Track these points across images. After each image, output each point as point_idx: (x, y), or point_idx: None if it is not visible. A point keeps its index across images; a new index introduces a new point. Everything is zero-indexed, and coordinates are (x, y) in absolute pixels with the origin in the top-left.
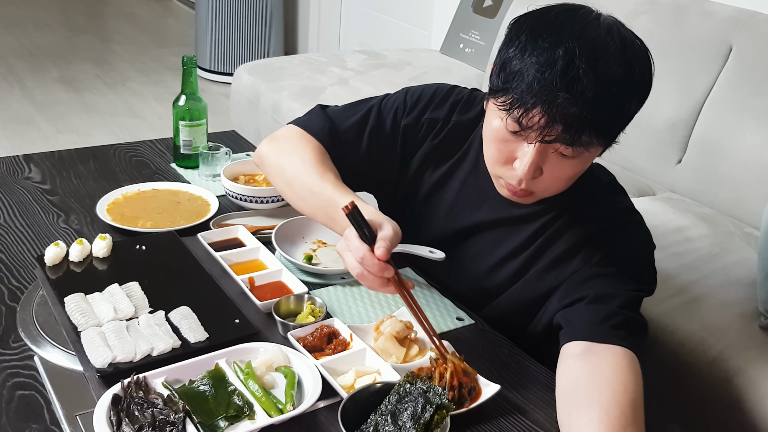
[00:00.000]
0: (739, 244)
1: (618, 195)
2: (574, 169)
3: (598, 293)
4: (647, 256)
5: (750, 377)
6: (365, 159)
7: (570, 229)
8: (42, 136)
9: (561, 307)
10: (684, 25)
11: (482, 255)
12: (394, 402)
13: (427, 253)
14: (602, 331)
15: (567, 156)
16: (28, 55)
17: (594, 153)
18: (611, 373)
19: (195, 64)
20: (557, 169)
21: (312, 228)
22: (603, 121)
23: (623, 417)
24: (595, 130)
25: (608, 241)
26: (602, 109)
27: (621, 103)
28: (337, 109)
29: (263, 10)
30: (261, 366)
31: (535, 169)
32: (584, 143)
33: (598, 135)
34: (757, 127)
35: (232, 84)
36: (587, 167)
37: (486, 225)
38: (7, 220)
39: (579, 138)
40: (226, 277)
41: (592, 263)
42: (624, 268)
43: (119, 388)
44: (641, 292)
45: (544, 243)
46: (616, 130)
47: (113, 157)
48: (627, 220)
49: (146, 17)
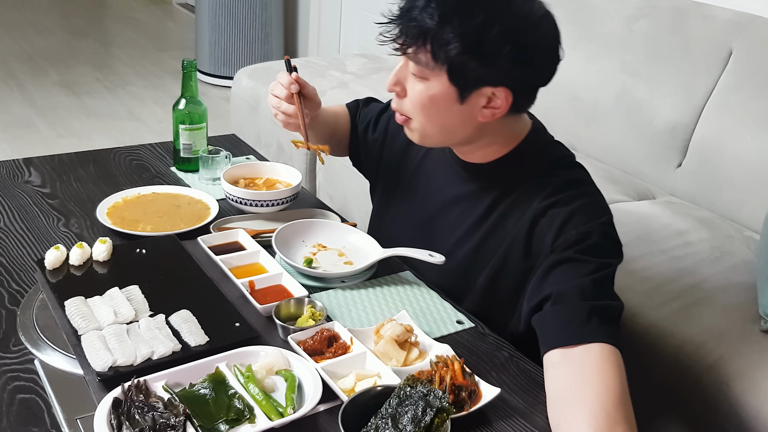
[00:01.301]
0: (740, 247)
1: (567, 168)
2: (424, 94)
3: (559, 292)
4: (600, 228)
5: (750, 381)
6: (362, 140)
7: (521, 205)
8: (42, 140)
9: (530, 308)
10: (684, 29)
11: (446, 235)
12: (394, 405)
13: (427, 256)
14: (572, 334)
15: (417, 77)
16: (28, 59)
17: (438, 80)
18: (591, 374)
19: (195, 67)
20: (413, 92)
21: (312, 231)
22: (433, 36)
23: (609, 418)
24: (425, 43)
25: (558, 218)
26: (438, 25)
27: (459, 24)
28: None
29: (263, 14)
30: (261, 369)
31: (395, 82)
32: (420, 60)
33: (427, 48)
34: (757, 131)
35: (232, 88)
36: (443, 102)
37: (449, 202)
38: (7, 224)
39: (415, 51)
40: (227, 281)
41: (546, 246)
42: (579, 247)
43: (120, 392)
44: (603, 268)
45: (498, 221)
46: (451, 51)
47: (113, 160)
48: (575, 192)
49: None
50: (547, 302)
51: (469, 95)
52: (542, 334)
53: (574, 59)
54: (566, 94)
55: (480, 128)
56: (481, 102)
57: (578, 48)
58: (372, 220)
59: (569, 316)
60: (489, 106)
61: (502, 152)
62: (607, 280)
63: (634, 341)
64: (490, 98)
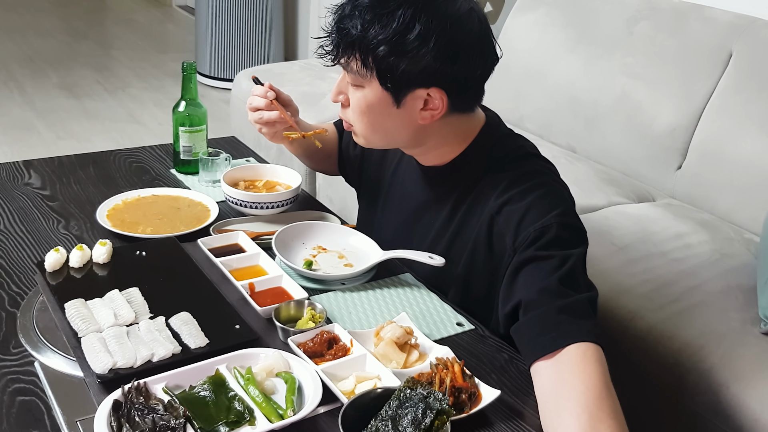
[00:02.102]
0: (740, 250)
1: (522, 159)
2: (362, 102)
3: (527, 298)
4: (557, 220)
5: (750, 383)
6: (345, 156)
7: (479, 203)
8: (42, 142)
9: (505, 315)
10: (684, 31)
11: (421, 241)
12: (394, 407)
13: (427, 258)
14: (547, 341)
15: (353, 85)
16: (28, 61)
17: (371, 87)
18: (570, 376)
19: (195, 70)
20: (353, 100)
21: (312, 234)
22: (359, 43)
23: (592, 417)
24: (354, 51)
25: (515, 216)
26: (362, 32)
27: (381, 29)
28: None
29: (263, 16)
30: (261, 372)
31: (338, 93)
32: (352, 69)
33: (357, 56)
34: (757, 133)
35: (232, 90)
36: (380, 107)
37: (419, 208)
38: (7, 226)
39: (347, 60)
40: (227, 283)
41: (507, 246)
42: (539, 243)
43: (120, 394)
44: (566, 261)
45: (462, 222)
46: (378, 56)
47: (113, 163)
48: (528, 186)
49: (146, 23)
50: (520, 309)
51: (404, 98)
52: (521, 348)
53: (574, 61)
54: (566, 96)
55: (423, 130)
56: (418, 105)
57: (578, 50)
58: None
59: (541, 325)
60: (427, 108)
61: (457, 152)
62: (573, 272)
63: (633, 343)
64: (426, 100)
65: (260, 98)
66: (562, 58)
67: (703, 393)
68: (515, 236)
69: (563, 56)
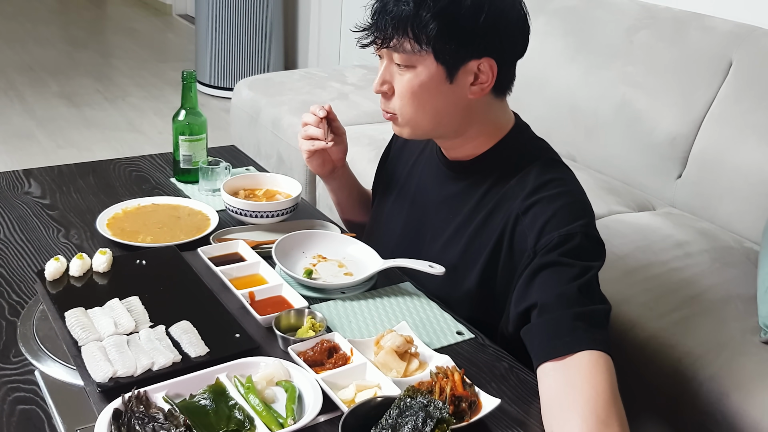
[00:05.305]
0: (740, 258)
1: (550, 165)
2: (414, 82)
3: (544, 301)
4: (582, 230)
5: (750, 392)
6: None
7: (506, 202)
8: (42, 151)
9: (518, 314)
10: (684, 40)
11: (436, 236)
12: (394, 416)
13: (427, 267)
14: (560, 345)
15: (403, 67)
16: (28, 70)
17: (424, 65)
18: (580, 380)
19: (195, 78)
20: (401, 84)
21: (312, 242)
22: (412, 21)
23: (599, 421)
24: (405, 31)
25: (540, 218)
26: (414, 10)
27: (433, 4)
28: None
29: (263, 25)
30: (261, 380)
31: (382, 82)
32: (405, 49)
33: (409, 35)
34: (757, 142)
35: (232, 99)
36: (433, 85)
37: (437, 203)
38: (7, 235)
39: (397, 41)
40: (227, 292)
41: (527, 245)
42: (562, 249)
43: (120, 403)
44: (587, 272)
45: (485, 219)
46: (432, 31)
47: (113, 171)
48: (557, 191)
49: (146, 32)
50: (534, 310)
51: (456, 72)
52: (531, 347)
53: (574, 70)
54: (566, 105)
55: (470, 113)
56: (468, 79)
57: (578, 59)
58: (368, 225)
59: (555, 328)
60: (477, 83)
61: (487, 146)
62: (591, 283)
63: (634, 352)
64: (477, 74)
65: (313, 115)
66: (562, 67)
67: (703, 402)
68: (538, 238)
69: (563, 65)
